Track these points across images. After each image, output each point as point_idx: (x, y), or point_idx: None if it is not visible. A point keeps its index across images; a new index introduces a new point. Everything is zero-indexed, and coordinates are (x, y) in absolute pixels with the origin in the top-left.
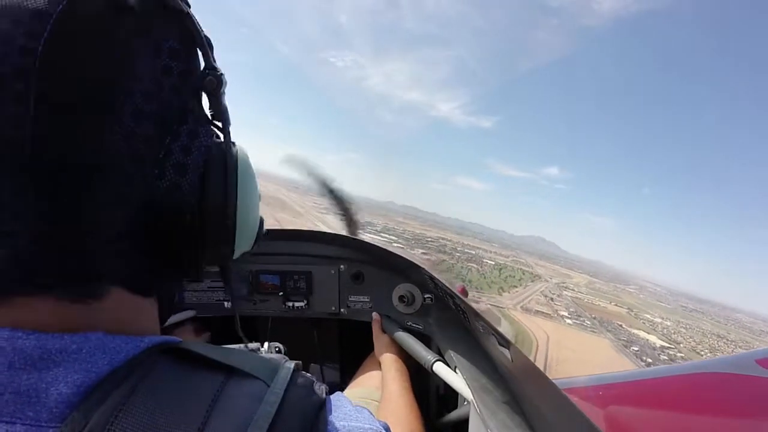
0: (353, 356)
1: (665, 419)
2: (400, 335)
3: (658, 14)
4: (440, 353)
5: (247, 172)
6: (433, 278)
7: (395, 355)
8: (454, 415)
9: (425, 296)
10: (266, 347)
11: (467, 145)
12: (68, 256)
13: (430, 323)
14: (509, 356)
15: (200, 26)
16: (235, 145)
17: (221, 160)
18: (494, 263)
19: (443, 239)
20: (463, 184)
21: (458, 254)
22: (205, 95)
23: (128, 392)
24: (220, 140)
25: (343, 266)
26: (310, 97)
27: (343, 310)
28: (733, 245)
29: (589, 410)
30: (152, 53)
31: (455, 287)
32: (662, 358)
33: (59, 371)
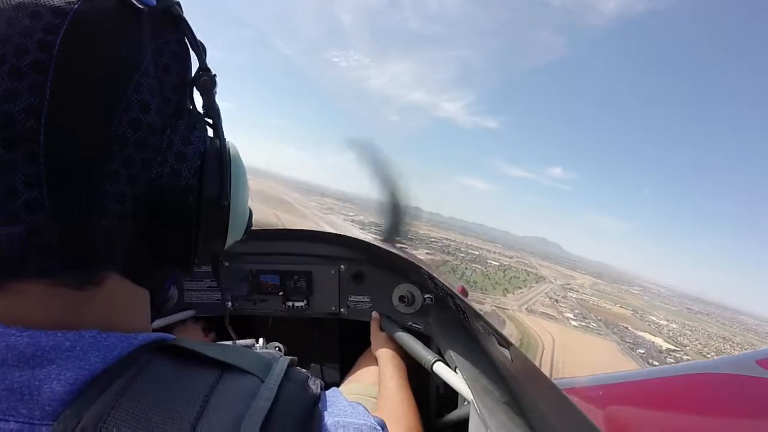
0: (353, 356)
1: (665, 419)
2: (400, 335)
3: (663, 13)
4: (440, 353)
5: (239, 164)
6: (433, 278)
7: (392, 351)
8: (454, 415)
9: (425, 296)
10: (261, 343)
11: (472, 145)
12: (73, 237)
13: (430, 323)
14: (509, 356)
15: (194, 31)
16: (226, 140)
17: (216, 151)
18: (498, 264)
19: (447, 239)
20: (467, 184)
21: (462, 255)
22: (198, 94)
23: (121, 389)
24: (212, 136)
25: (343, 266)
26: (313, 97)
27: (343, 310)
28: (736, 246)
29: (589, 410)
30: (156, 53)
31: (455, 287)
32: (669, 361)
33: (52, 368)
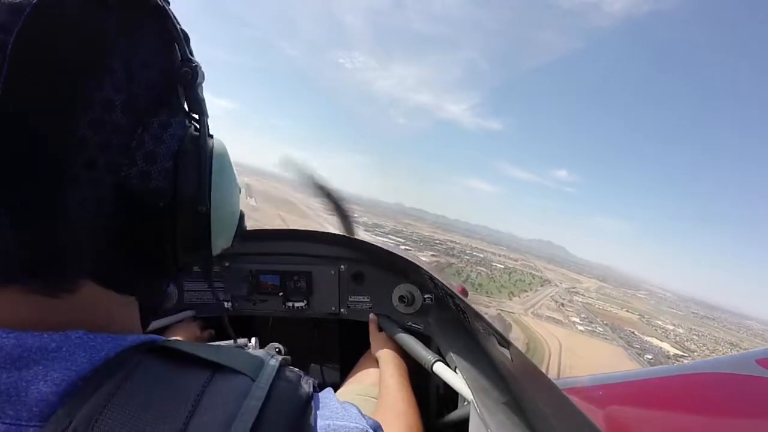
0: (353, 356)
1: (665, 419)
2: (400, 335)
3: (670, 15)
4: (440, 353)
5: (222, 163)
6: (433, 278)
7: (392, 351)
8: (454, 415)
9: (425, 296)
10: (254, 342)
11: (476, 147)
12: (34, 244)
13: (430, 323)
14: (509, 356)
15: (177, 21)
16: (212, 137)
17: (194, 150)
18: (503, 267)
19: (452, 242)
20: (472, 186)
21: (467, 257)
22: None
23: (112, 390)
24: (197, 133)
25: (343, 266)
26: (318, 98)
27: (343, 310)
28: (742, 249)
29: (589, 410)
30: (127, 46)
31: (455, 287)
32: None
33: (39, 370)
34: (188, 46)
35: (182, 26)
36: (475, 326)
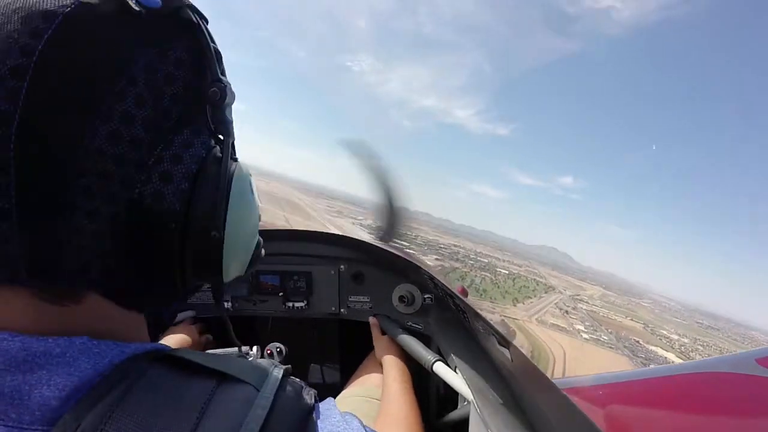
0: (353, 356)
1: (665, 419)
2: (400, 336)
3: (678, 22)
4: (440, 353)
5: (242, 187)
6: (433, 278)
7: (396, 356)
8: (454, 415)
9: (425, 296)
10: (255, 351)
11: (483, 152)
12: (40, 249)
13: (430, 323)
14: (509, 356)
15: (211, 38)
16: (236, 161)
17: (213, 172)
18: (508, 273)
19: (456, 246)
20: (478, 190)
21: (471, 262)
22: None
23: (119, 397)
24: (220, 155)
25: (343, 266)
26: (325, 100)
27: (343, 310)
28: (746, 259)
29: (589, 410)
30: (155, 60)
31: (455, 287)
32: None
33: (43, 374)
34: (220, 64)
35: (216, 45)
36: (475, 326)
